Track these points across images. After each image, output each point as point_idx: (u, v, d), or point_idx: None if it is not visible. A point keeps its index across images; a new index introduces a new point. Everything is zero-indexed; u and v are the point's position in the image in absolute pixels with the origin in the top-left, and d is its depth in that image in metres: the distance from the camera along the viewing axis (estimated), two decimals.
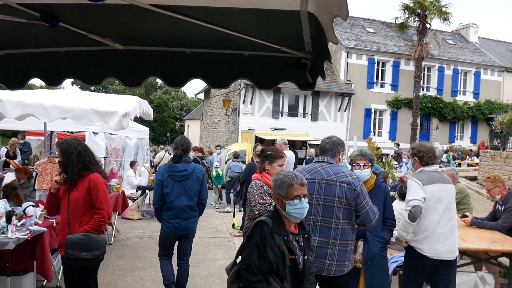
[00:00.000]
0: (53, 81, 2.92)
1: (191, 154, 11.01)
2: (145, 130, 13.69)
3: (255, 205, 3.61)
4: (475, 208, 10.21)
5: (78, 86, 34.10)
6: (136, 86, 2.76)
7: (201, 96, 31.55)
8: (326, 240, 3.22)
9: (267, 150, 3.93)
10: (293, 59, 2.60)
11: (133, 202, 10.42)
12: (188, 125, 38.80)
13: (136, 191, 10.66)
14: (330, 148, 3.45)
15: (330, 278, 3.23)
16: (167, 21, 2.22)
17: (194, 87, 66.57)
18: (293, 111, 23.71)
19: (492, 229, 5.53)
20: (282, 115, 23.19)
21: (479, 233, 5.31)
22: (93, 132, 10.27)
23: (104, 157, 9.95)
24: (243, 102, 22.47)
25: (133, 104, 5.91)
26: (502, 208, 5.67)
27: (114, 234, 7.75)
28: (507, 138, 16.30)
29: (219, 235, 8.66)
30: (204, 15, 2.15)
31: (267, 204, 3.56)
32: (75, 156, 3.48)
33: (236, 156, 13.19)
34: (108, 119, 5.37)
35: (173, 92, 60.21)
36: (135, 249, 7.23)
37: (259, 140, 19.18)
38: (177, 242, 5.07)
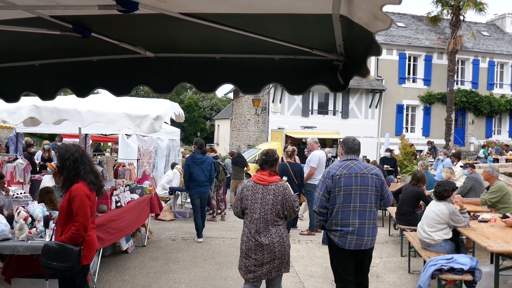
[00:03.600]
0: (82, 92, 2.96)
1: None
2: (176, 131, 13.86)
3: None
4: None
5: None
6: (167, 93, 2.77)
7: (231, 95, 31.69)
8: (364, 221, 4.03)
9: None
10: (325, 62, 2.55)
11: (165, 203, 10.56)
12: (218, 125, 39.02)
13: (169, 193, 10.80)
14: (358, 148, 4.28)
15: (366, 250, 4.13)
16: (197, 28, 2.22)
17: (224, 87, 66.89)
18: (323, 109, 23.46)
19: None
20: (312, 113, 22.99)
21: None
22: (126, 135, 10.49)
23: (137, 159, 10.13)
24: (273, 101, 22.40)
25: (165, 107, 5.99)
26: None
27: (148, 236, 7.86)
28: None
29: None
30: (234, 21, 2.13)
31: None
32: (71, 162, 3.40)
33: (232, 154, 12.73)
34: (140, 123, 5.46)
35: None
36: (168, 250, 7.31)
37: (290, 139, 19.10)
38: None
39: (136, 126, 5.93)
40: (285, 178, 4.46)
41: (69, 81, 2.96)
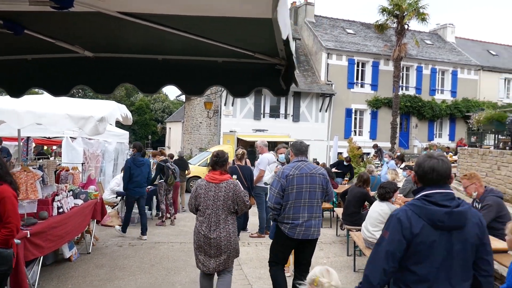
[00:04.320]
0: (16, 92, 2.81)
1: (154, 160, 10.93)
2: (125, 134, 13.49)
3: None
4: None
5: None
6: (108, 93, 2.69)
7: (183, 98, 31.35)
8: (312, 215, 4.59)
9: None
10: (267, 66, 2.56)
11: (112, 208, 10.24)
12: (170, 128, 38.44)
13: (116, 197, 10.48)
14: (306, 150, 4.84)
15: (313, 240, 4.69)
16: (137, 28, 2.16)
17: (175, 90, 66.08)
18: (274, 112, 23.72)
19: None
20: (263, 116, 23.18)
21: None
22: (71, 137, 10.06)
23: (82, 163, 9.76)
24: (225, 104, 22.38)
25: (109, 109, 5.80)
26: (479, 206, 5.72)
27: (93, 243, 7.59)
28: (484, 135, 16.59)
29: None
30: (175, 23, 2.10)
31: None
32: None
33: (171, 156, 12.94)
34: (83, 124, 5.26)
35: (154, 94, 59.60)
36: (114, 257, 7.09)
37: (241, 142, 19.13)
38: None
39: (79, 128, 5.71)
40: (234, 176, 5.04)
41: (1, 80, 2.80)
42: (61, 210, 5.94)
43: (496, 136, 14.77)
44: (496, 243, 5.08)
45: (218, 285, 4.47)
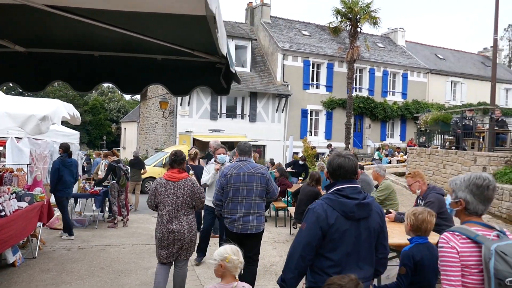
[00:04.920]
0: None
1: (106, 161, 10.70)
2: (75, 134, 13.04)
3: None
4: (403, 203, 10.74)
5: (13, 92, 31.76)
6: (39, 91, 2.58)
7: (138, 97, 30.74)
8: (249, 211, 4.91)
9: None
10: (208, 64, 2.55)
11: None
12: (125, 128, 37.58)
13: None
14: (248, 150, 5.11)
15: (252, 234, 4.96)
16: (69, 22, 2.09)
17: None
18: (231, 113, 23.70)
19: None
20: (220, 117, 23.11)
21: (401, 228, 5.55)
22: (16, 138, 9.61)
23: (28, 164, 9.36)
24: (181, 104, 22.12)
25: (53, 107, 5.57)
26: (423, 203, 5.97)
27: (39, 246, 7.29)
28: (431, 135, 17.33)
29: (153, 242, 8.40)
30: (108, 18, 2.04)
31: None
32: None
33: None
34: (24, 123, 5.03)
35: (109, 93, 58.03)
36: (62, 261, 6.84)
37: (197, 142, 18.97)
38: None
39: (19, 127, 5.46)
40: (191, 172, 5.47)
41: None
42: (3, 213, 5.68)
43: (442, 136, 15.46)
44: (436, 238, 5.31)
45: (176, 276, 4.85)
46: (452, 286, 2.25)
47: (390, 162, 22.03)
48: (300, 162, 15.11)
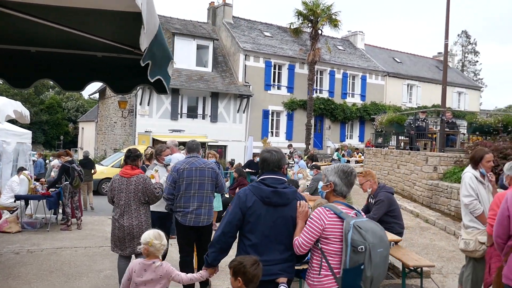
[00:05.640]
0: None
1: (59, 161, 10.43)
2: (27, 134, 12.59)
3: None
4: (359, 202, 11.01)
5: None
6: None
7: (97, 96, 29.95)
8: (201, 204, 5.13)
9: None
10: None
11: (11, 213, 9.50)
12: (83, 128, 36.55)
13: (15, 201, 9.72)
14: (196, 147, 5.38)
15: (204, 226, 5.19)
16: (1, 16, 2.02)
17: (89, 87, 62.93)
18: (192, 113, 23.52)
19: None
20: (181, 117, 22.88)
21: None
22: None
23: None
24: (140, 104, 21.75)
25: None
26: (373, 201, 6.16)
27: None
28: (388, 136, 17.87)
29: (108, 244, 8.21)
30: (42, 12, 1.99)
31: None
32: None
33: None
34: None
35: (67, 92, 56.30)
36: (9, 265, 6.58)
37: (157, 142, 18.67)
38: None
39: None
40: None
41: None
42: None
43: (397, 137, 15.96)
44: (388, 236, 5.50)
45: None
46: (305, 238, 2.88)
47: (348, 162, 22.52)
48: (255, 160, 15.15)
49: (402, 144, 15.44)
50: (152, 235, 3.32)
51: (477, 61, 56.45)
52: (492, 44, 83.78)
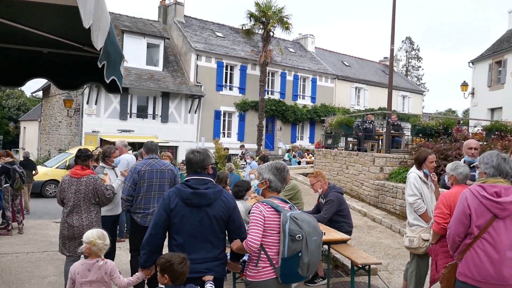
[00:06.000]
0: None
1: None
2: None
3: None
4: (309, 202, 11.21)
5: None
6: None
7: (40, 94, 28.61)
8: None
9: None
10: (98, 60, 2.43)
11: None
12: (25, 127, 34.77)
13: None
14: (155, 148, 5.36)
15: None
16: None
17: (32, 85, 60.04)
18: (142, 112, 23.00)
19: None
20: (130, 117, 22.32)
21: None
22: None
23: None
24: (87, 102, 20.99)
25: None
26: (324, 201, 6.29)
27: None
28: (337, 138, 18.33)
29: (52, 249, 7.86)
30: None
31: None
32: None
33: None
34: None
35: (7, 89, 53.27)
36: None
37: (105, 143, 18.11)
38: None
39: None
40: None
41: None
42: None
43: (346, 138, 16.41)
44: (336, 234, 5.62)
45: None
46: (254, 234, 2.99)
47: (299, 163, 22.90)
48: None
49: (350, 145, 15.88)
50: (95, 235, 3.35)
51: (420, 67, 59.21)
52: (433, 51, 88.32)
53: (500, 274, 3.21)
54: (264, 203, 3.11)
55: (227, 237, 3.39)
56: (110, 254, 6.59)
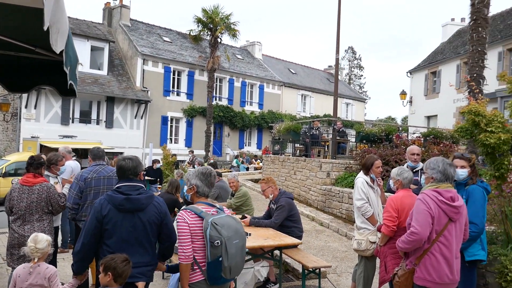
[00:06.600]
0: None
1: None
2: None
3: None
4: (259, 208, 11.29)
5: None
6: None
7: None
8: None
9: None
10: (52, 63, 2.34)
11: None
12: None
13: None
14: (102, 155, 5.30)
15: None
16: None
17: None
18: (85, 118, 22.16)
19: (267, 226, 6.16)
20: (73, 122, 21.45)
21: (256, 231, 5.84)
22: None
23: None
24: (26, 107, 19.92)
25: None
26: (275, 207, 6.37)
27: None
28: (285, 144, 18.63)
29: None
30: None
31: None
32: None
33: None
34: None
35: None
36: None
37: (45, 149, 17.24)
38: None
39: None
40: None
41: None
42: None
43: (293, 144, 16.72)
44: (287, 239, 5.71)
45: None
46: (184, 248, 3.10)
47: (248, 169, 23.01)
48: (154, 167, 14.76)
49: (298, 151, 16.18)
50: (32, 238, 3.48)
51: (361, 75, 61.56)
52: (374, 60, 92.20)
53: (452, 274, 3.42)
54: (188, 210, 3.21)
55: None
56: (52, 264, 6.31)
